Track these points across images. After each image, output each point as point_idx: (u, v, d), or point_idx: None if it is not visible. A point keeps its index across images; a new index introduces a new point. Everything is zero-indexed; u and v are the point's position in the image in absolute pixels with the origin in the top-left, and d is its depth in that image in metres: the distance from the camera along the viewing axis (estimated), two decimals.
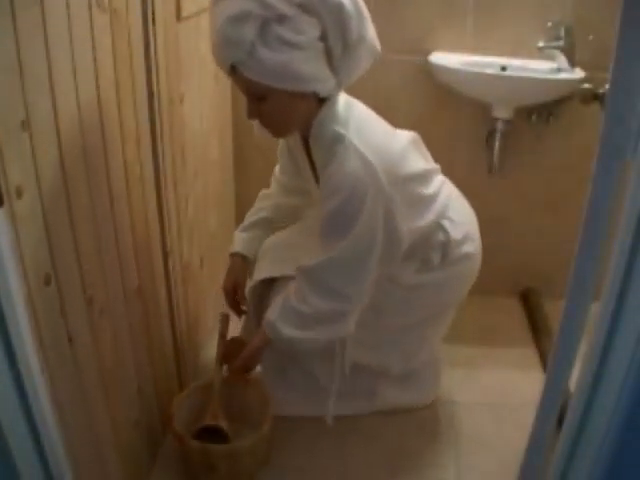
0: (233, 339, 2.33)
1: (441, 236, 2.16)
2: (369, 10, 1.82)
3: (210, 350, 2.66)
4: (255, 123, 2.00)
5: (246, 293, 2.36)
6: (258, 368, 2.31)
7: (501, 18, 2.79)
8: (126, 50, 1.74)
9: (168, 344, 2.26)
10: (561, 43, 2.71)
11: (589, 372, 1.22)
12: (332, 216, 1.94)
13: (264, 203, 2.47)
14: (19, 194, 1.23)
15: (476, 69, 2.64)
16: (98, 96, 1.58)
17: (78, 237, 1.50)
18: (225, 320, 2.36)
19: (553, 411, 1.40)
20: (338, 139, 1.90)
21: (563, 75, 2.69)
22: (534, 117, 2.88)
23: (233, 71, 1.78)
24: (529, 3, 2.76)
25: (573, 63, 2.71)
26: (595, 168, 1.12)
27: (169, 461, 2.22)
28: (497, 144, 2.86)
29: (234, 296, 2.40)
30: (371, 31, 1.84)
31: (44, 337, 1.36)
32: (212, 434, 2.11)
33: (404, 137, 2.10)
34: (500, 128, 2.82)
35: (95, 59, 1.55)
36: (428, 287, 2.21)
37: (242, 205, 3.16)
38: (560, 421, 1.37)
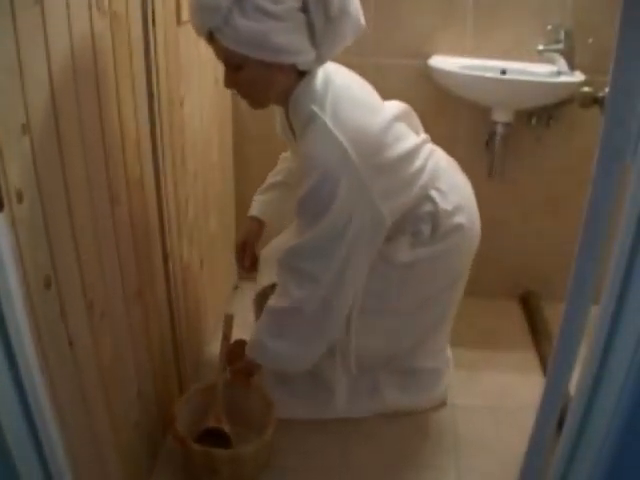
0: (237, 341, 2.30)
1: (429, 207, 2.12)
2: (369, 14, 1.82)
3: (210, 352, 2.66)
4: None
5: (252, 299, 2.39)
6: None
7: (501, 21, 2.79)
8: (126, 53, 1.74)
9: (168, 346, 2.26)
10: (561, 46, 2.72)
11: (589, 374, 1.23)
12: (304, 200, 1.91)
13: (281, 166, 2.49)
14: (19, 198, 1.23)
15: (476, 73, 2.64)
16: (98, 98, 1.59)
17: (78, 240, 1.50)
18: (229, 321, 2.35)
19: (553, 414, 1.41)
20: (312, 119, 1.87)
21: (563, 78, 2.69)
22: (534, 120, 2.88)
23: (211, 38, 1.76)
24: (529, 6, 2.76)
25: (573, 66, 2.71)
26: (595, 170, 1.12)
27: (169, 462, 2.22)
28: (497, 147, 2.86)
29: (242, 253, 2.43)
30: (355, 5, 1.79)
31: (44, 340, 1.36)
32: (214, 437, 2.10)
33: (389, 112, 2.04)
34: (500, 131, 2.82)
35: (95, 61, 1.55)
36: (423, 263, 2.16)
37: (242, 206, 3.15)
38: (560, 424, 1.38)
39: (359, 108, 1.96)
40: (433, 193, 2.12)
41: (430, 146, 2.20)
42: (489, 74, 2.68)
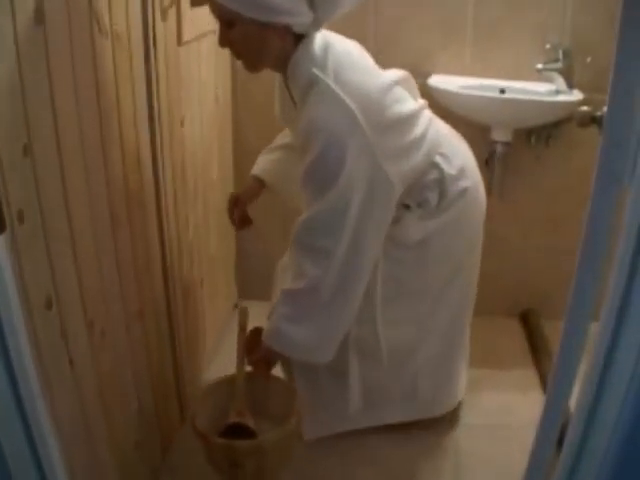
0: (254, 330, 2.20)
1: (435, 174, 2.09)
2: (370, 32, 1.82)
3: (211, 371, 2.66)
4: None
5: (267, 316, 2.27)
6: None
7: (500, 40, 2.81)
8: (127, 73, 1.75)
9: (168, 365, 2.26)
10: (559, 65, 2.73)
11: (589, 391, 1.23)
12: (310, 169, 1.87)
13: (283, 137, 2.43)
14: (21, 219, 1.24)
15: (475, 92, 2.66)
16: (100, 119, 1.60)
17: (79, 260, 1.50)
18: (244, 312, 2.28)
19: (553, 431, 1.40)
20: (314, 82, 1.84)
21: (561, 97, 2.70)
22: (533, 139, 2.89)
23: None
24: (528, 25, 2.78)
25: (571, 85, 2.73)
26: (593, 191, 1.13)
27: None
28: (497, 166, 2.87)
29: (233, 208, 2.37)
30: None
31: (45, 359, 1.36)
32: (237, 432, 2.01)
33: (389, 76, 2.02)
34: (499, 150, 2.83)
35: (97, 82, 1.56)
36: (435, 237, 2.12)
37: None
38: (560, 441, 1.37)
39: (360, 71, 1.93)
40: (438, 159, 2.09)
41: (428, 112, 2.17)
42: (488, 93, 2.69)
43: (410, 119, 2.03)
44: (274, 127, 2.41)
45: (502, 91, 2.76)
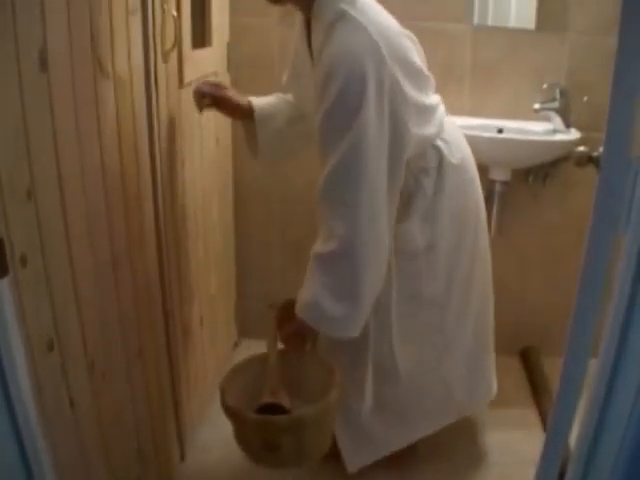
0: (286, 302, 2.07)
1: (434, 160, 2.06)
2: None
3: (211, 410, 2.64)
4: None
5: None
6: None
7: (498, 81, 2.85)
8: (129, 116, 1.77)
9: (168, 404, 2.26)
10: (556, 104, 2.76)
11: (589, 428, 1.23)
12: (330, 110, 1.80)
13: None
14: (23, 262, 1.25)
15: (473, 132, 2.67)
16: (102, 161, 1.61)
17: (80, 302, 1.51)
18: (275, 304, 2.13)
19: (554, 468, 1.40)
20: (341, 15, 1.80)
21: (559, 136, 2.72)
22: (531, 178, 2.91)
23: None
24: (525, 66, 2.81)
25: (568, 124, 2.76)
26: (589, 237, 1.14)
27: None
28: (495, 205, 2.89)
29: (202, 94, 2.15)
30: None
31: (45, 400, 1.37)
32: (271, 413, 1.83)
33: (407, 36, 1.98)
34: (498, 189, 2.85)
35: (99, 124, 1.58)
36: (440, 239, 2.10)
37: (242, 265, 3.18)
38: (561, 478, 1.37)
39: (383, 15, 1.90)
40: (439, 143, 2.07)
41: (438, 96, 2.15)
42: (486, 134, 2.71)
43: (425, 79, 2.01)
44: (273, 171, 2.42)
45: (500, 131, 2.79)
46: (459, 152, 2.13)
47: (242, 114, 2.23)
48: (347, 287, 1.90)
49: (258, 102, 2.24)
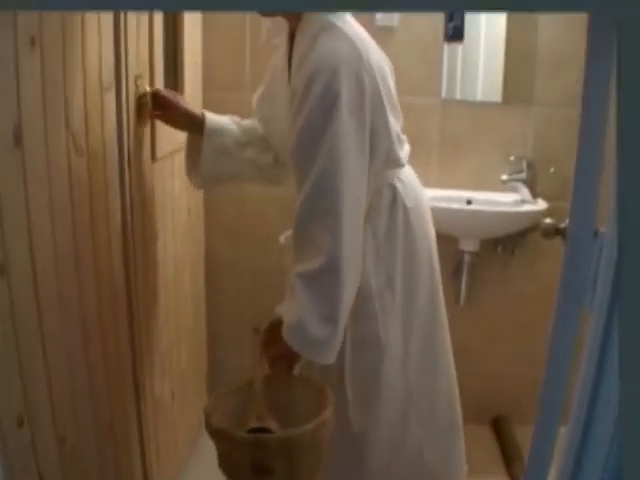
0: (272, 323, 1.96)
1: (388, 197, 1.99)
2: None
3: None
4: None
5: None
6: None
7: (465, 153, 2.91)
8: (102, 191, 1.78)
9: (138, 478, 2.22)
10: (523, 176, 2.82)
11: None
12: (305, 125, 1.77)
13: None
14: None
15: (442, 204, 2.71)
16: (74, 238, 1.62)
17: (51, 379, 1.50)
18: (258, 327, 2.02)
19: None
20: (327, 26, 1.80)
21: (526, 207, 2.77)
22: (500, 248, 2.95)
23: None
24: (492, 138, 2.88)
25: (535, 194, 2.81)
26: (555, 313, 1.16)
27: None
28: (464, 276, 2.91)
29: (160, 97, 2.11)
30: None
31: (15, 475, 1.34)
32: None
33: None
34: (467, 260, 2.89)
35: (72, 201, 1.59)
36: (397, 279, 2.00)
37: (213, 339, 3.16)
38: None
39: (368, 38, 1.89)
40: (397, 182, 2.01)
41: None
42: (455, 205, 2.76)
43: (398, 111, 2.00)
44: (246, 240, 2.42)
45: (469, 202, 2.83)
46: (414, 195, 2.06)
47: (192, 124, 2.18)
48: (329, 306, 1.81)
49: (212, 115, 2.20)
